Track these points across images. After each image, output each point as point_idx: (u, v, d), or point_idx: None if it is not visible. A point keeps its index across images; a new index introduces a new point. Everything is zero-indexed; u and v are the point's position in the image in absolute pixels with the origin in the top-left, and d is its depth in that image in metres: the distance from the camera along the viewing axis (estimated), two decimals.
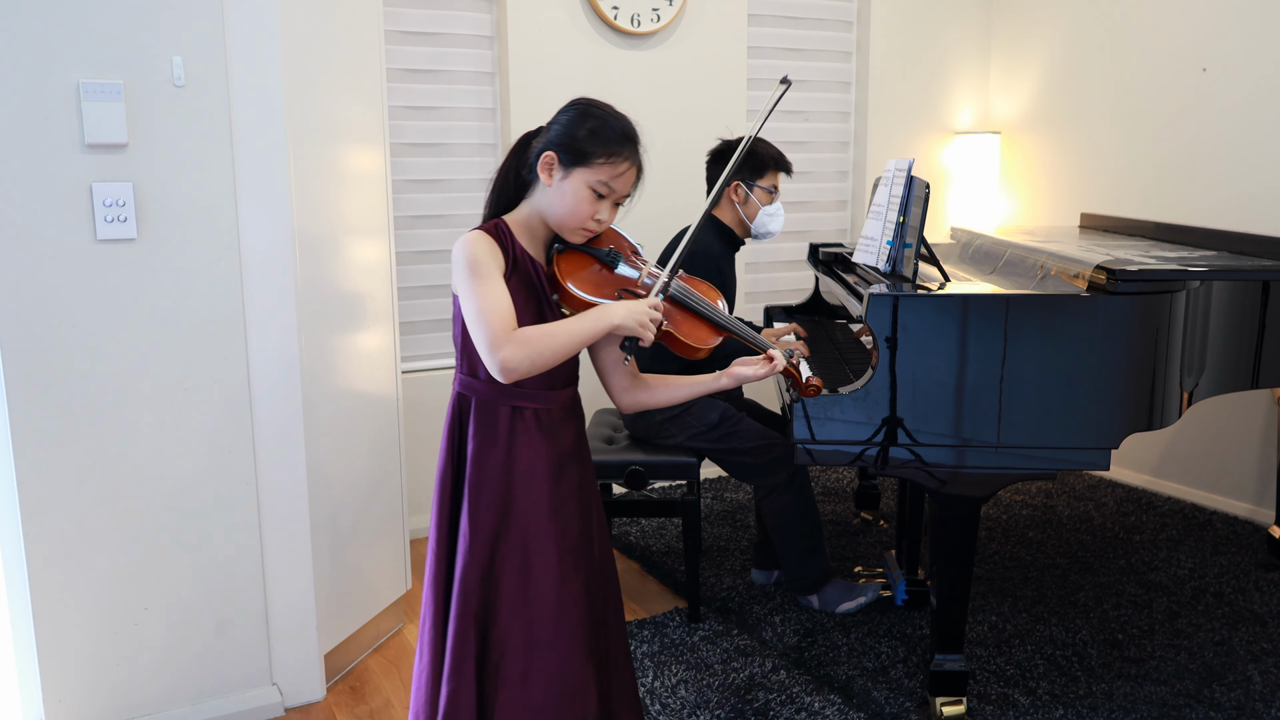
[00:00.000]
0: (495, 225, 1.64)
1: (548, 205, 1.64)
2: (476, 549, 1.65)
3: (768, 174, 2.90)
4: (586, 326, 1.57)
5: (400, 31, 3.37)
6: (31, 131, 2.01)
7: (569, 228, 1.64)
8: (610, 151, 1.60)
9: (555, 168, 1.61)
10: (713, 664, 2.58)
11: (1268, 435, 3.49)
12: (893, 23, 4.28)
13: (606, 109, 1.65)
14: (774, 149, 2.92)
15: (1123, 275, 2.09)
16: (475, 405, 1.67)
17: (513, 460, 1.66)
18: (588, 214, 1.62)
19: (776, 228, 2.95)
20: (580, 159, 1.59)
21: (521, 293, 1.62)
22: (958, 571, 2.21)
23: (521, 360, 1.52)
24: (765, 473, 2.77)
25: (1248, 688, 2.42)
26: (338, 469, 2.52)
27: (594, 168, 1.59)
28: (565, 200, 1.61)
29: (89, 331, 2.11)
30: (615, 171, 1.60)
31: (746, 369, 1.70)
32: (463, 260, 1.57)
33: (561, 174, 1.61)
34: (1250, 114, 3.50)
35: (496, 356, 1.51)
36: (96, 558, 2.17)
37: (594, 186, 1.60)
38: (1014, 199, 4.51)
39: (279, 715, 2.41)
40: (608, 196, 1.62)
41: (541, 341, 1.54)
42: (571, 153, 1.60)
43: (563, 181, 1.61)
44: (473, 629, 1.65)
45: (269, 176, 2.24)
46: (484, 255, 1.57)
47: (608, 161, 1.60)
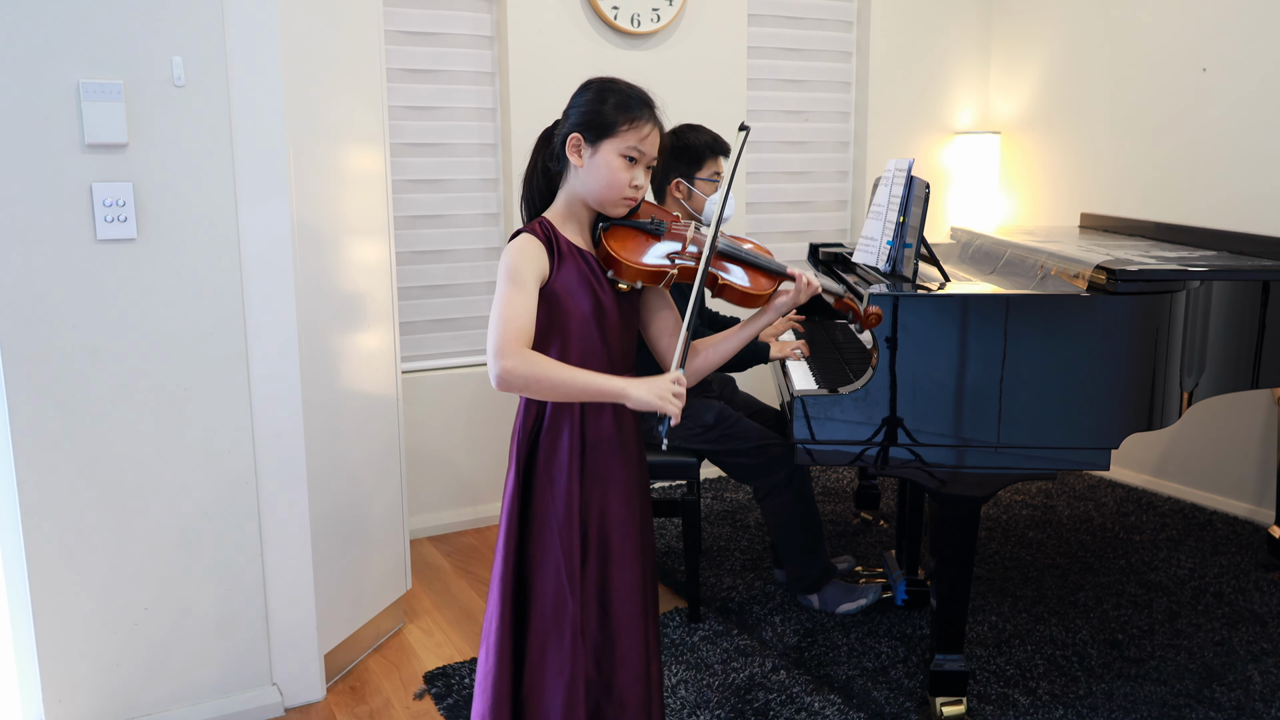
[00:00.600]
0: (538, 224, 1.67)
1: (584, 186, 1.67)
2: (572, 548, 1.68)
3: (706, 163, 2.81)
4: (596, 385, 1.59)
5: (400, 31, 3.37)
6: (31, 131, 2.01)
7: (611, 200, 1.67)
8: (631, 117, 1.63)
9: (583, 147, 1.65)
10: (713, 664, 2.58)
11: (1268, 435, 3.49)
12: (893, 23, 4.28)
13: (618, 81, 1.69)
14: (707, 134, 2.83)
15: (1123, 275, 2.09)
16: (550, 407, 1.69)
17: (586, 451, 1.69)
18: (625, 182, 1.65)
19: (728, 214, 2.87)
20: (605, 131, 1.63)
21: (573, 281, 1.65)
22: (958, 571, 2.21)
23: (519, 377, 1.55)
24: (763, 473, 2.77)
25: (1248, 688, 2.42)
26: (338, 469, 2.52)
27: (620, 136, 1.63)
28: (600, 175, 1.64)
29: (89, 331, 2.11)
30: (641, 134, 1.64)
31: (782, 297, 1.75)
32: (504, 264, 1.61)
33: (590, 151, 1.64)
34: (1250, 114, 3.50)
35: (500, 362, 1.54)
36: (96, 558, 2.17)
37: (624, 153, 1.64)
38: (1014, 199, 4.51)
39: (279, 715, 2.41)
40: (639, 161, 1.66)
41: (545, 370, 1.57)
42: (595, 128, 1.63)
43: (593, 158, 1.64)
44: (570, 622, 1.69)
45: (269, 176, 2.24)
46: (524, 263, 1.61)
47: (631, 127, 1.63)
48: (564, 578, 1.68)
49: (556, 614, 1.68)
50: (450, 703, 2.45)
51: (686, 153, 2.80)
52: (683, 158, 2.80)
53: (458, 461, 3.60)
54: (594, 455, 1.70)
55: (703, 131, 2.83)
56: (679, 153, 2.80)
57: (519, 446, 1.71)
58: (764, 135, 4.14)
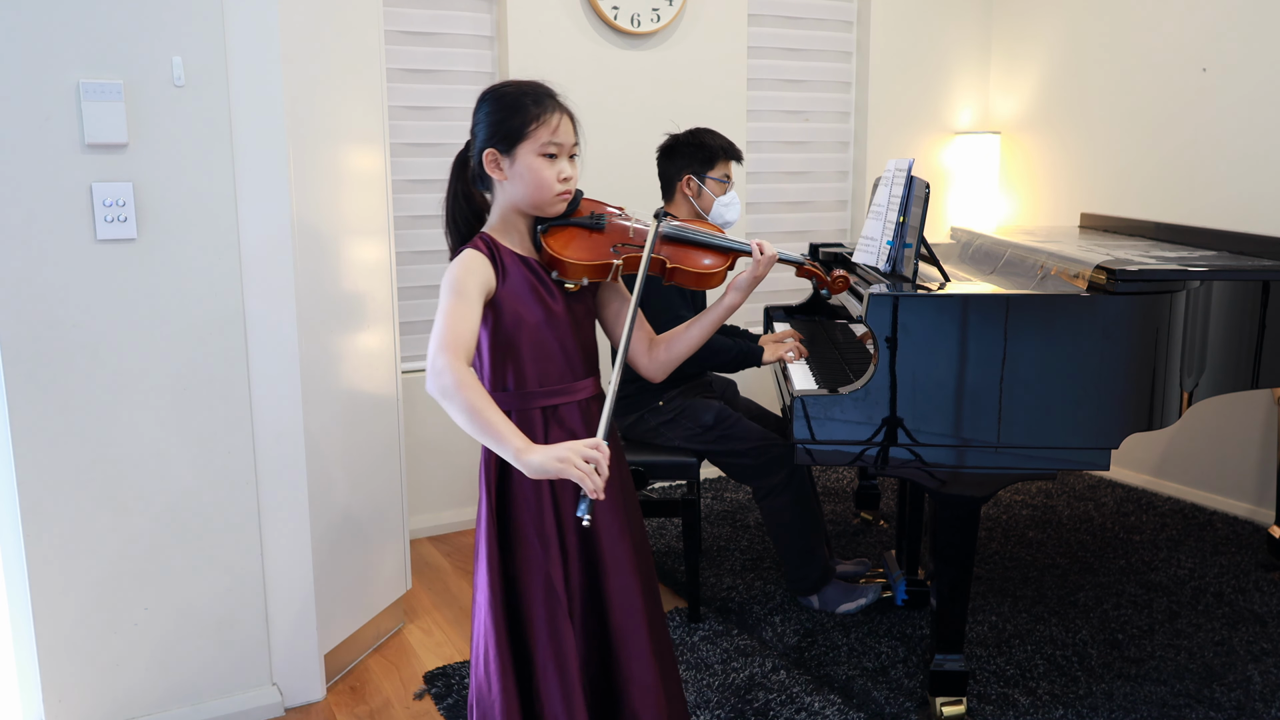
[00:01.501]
0: (479, 239, 1.67)
1: (515, 196, 1.66)
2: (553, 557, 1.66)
3: (718, 164, 2.87)
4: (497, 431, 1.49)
5: (400, 31, 3.37)
6: (31, 131, 2.01)
7: (546, 201, 1.65)
8: (535, 115, 1.62)
9: (500, 159, 1.64)
10: (713, 664, 2.58)
11: (1268, 435, 3.49)
12: (893, 23, 4.28)
13: (512, 83, 1.68)
14: (722, 139, 2.89)
15: (1123, 275, 2.09)
16: (514, 419, 1.65)
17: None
18: (552, 179, 1.63)
19: (733, 217, 2.90)
20: (516, 138, 1.62)
21: (520, 291, 1.65)
22: (958, 571, 2.21)
23: (449, 382, 1.48)
24: (763, 474, 2.77)
25: (1248, 688, 2.42)
26: (338, 469, 2.52)
27: (531, 136, 1.61)
28: (526, 180, 1.63)
29: (89, 331, 2.11)
30: (551, 128, 1.62)
31: (744, 274, 1.76)
32: (446, 279, 1.60)
33: (509, 161, 1.63)
34: (1250, 114, 3.50)
35: (439, 358, 1.50)
36: (96, 558, 2.17)
37: (541, 152, 1.62)
38: (1014, 199, 4.51)
39: (279, 715, 2.41)
40: (559, 154, 1.64)
41: (466, 394, 1.48)
42: (505, 138, 1.62)
43: (513, 167, 1.63)
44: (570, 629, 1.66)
45: (269, 176, 2.24)
46: (467, 276, 1.60)
47: (539, 124, 1.62)
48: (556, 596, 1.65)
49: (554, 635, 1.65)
50: (450, 703, 2.45)
51: (701, 151, 2.86)
52: (697, 155, 2.86)
53: (458, 462, 3.60)
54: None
55: (720, 136, 2.90)
56: (694, 150, 2.87)
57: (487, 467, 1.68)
58: (764, 135, 4.14)
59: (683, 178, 2.87)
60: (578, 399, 1.71)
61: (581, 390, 1.71)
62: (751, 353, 2.73)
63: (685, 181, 2.87)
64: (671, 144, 2.90)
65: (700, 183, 2.86)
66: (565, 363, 1.68)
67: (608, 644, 1.70)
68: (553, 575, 1.66)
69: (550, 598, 1.65)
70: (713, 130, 2.90)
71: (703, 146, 2.86)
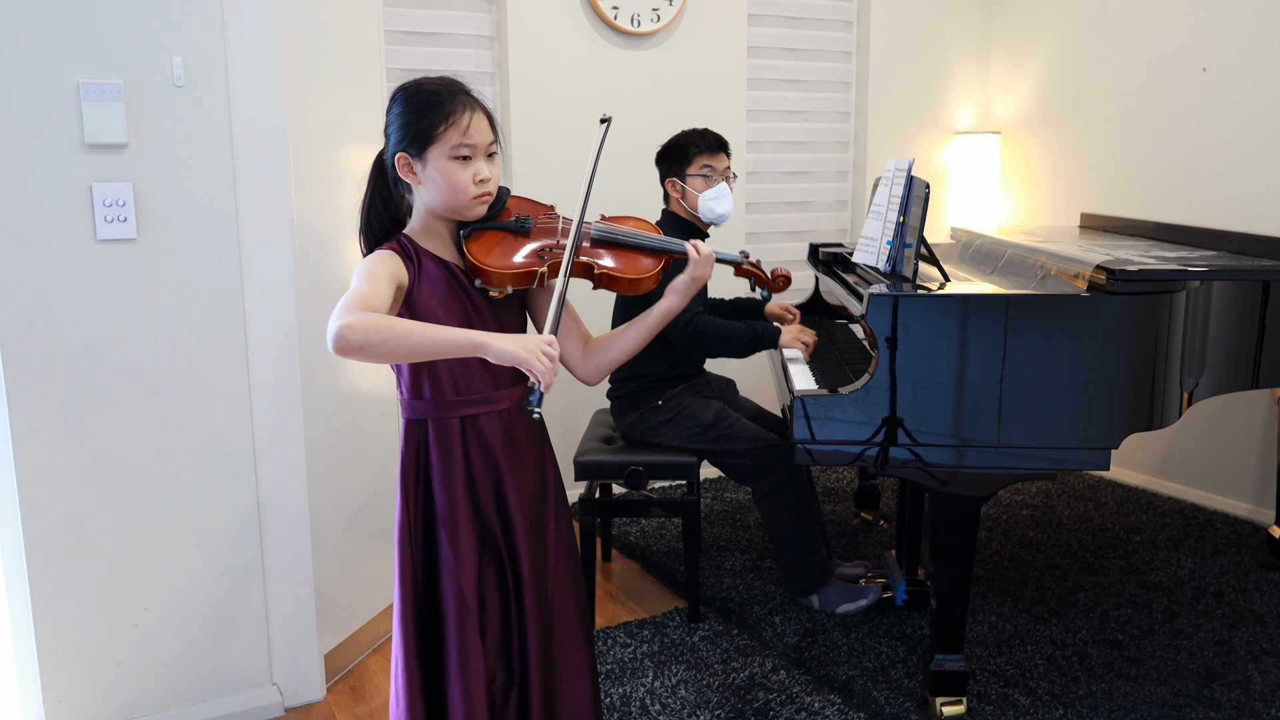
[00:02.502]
0: (395, 240, 1.61)
1: (431, 200, 1.58)
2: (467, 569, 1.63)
3: (694, 160, 2.84)
4: (447, 337, 1.44)
5: (400, 31, 3.37)
6: (31, 131, 2.01)
7: (462, 204, 1.57)
8: (443, 115, 1.53)
9: (413, 163, 1.56)
10: (713, 664, 2.58)
11: (1268, 435, 3.49)
12: (893, 23, 4.28)
13: (420, 81, 1.59)
14: (696, 133, 2.85)
15: (1123, 275, 2.09)
16: (432, 427, 1.63)
17: (472, 471, 1.64)
18: (466, 182, 1.56)
19: (724, 209, 2.85)
20: (426, 140, 1.54)
21: (439, 297, 1.59)
22: (958, 571, 2.21)
23: (358, 332, 1.38)
24: (762, 474, 2.77)
25: (1248, 688, 2.42)
26: (338, 469, 2.52)
27: (441, 139, 1.53)
28: (440, 185, 1.56)
29: (89, 331, 2.11)
30: (462, 128, 1.54)
31: (681, 278, 1.68)
32: (355, 271, 1.53)
33: (421, 165, 1.56)
34: (1250, 114, 3.50)
35: (338, 322, 1.39)
36: (96, 558, 2.17)
37: (453, 154, 1.54)
38: (1014, 199, 4.51)
39: (279, 715, 2.41)
40: (474, 155, 1.56)
41: (388, 326, 1.40)
42: (416, 141, 1.55)
43: (426, 170, 1.56)
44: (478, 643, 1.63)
45: (269, 176, 2.24)
46: (377, 264, 1.53)
47: (449, 125, 1.53)
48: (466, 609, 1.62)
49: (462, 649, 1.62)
50: None
51: (673, 151, 2.88)
52: (672, 155, 2.88)
53: None
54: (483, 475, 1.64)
55: (693, 133, 2.88)
56: (667, 152, 2.89)
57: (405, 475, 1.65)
58: (764, 135, 4.14)
59: (667, 180, 2.90)
60: (499, 408, 1.64)
61: (503, 400, 1.65)
62: (767, 334, 2.72)
63: (670, 184, 2.90)
64: (660, 150, 2.93)
65: (682, 183, 2.86)
66: (486, 372, 1.61)
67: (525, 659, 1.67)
68: (464, 588, 1.62)
69: (461, 610, 1.62)
70: (696, 128, 2.88)
71: (675, 147, 2.87)
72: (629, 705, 2.39)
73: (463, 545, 1.63)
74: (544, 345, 1.44)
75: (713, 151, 2.85)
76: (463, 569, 1.63)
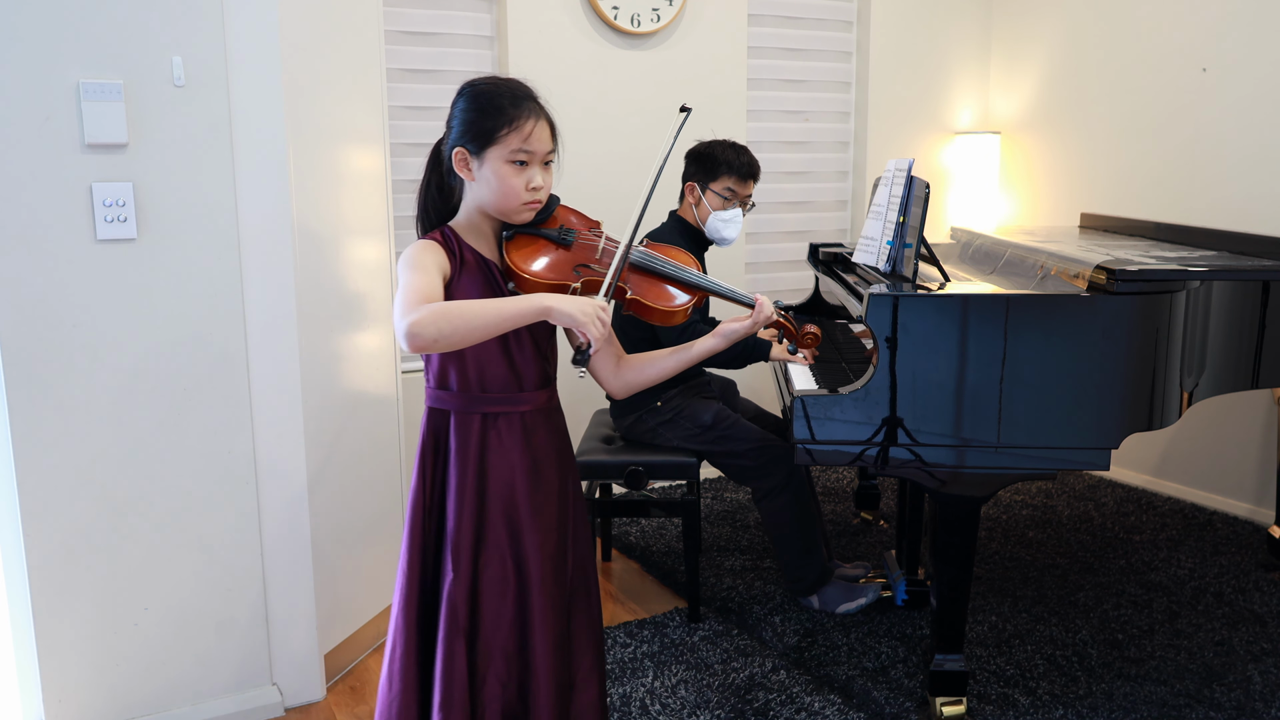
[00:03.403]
0: (439, 231, 1.63)
1: (481, 198, 1.61)
2: (461, 565, 1.64)
3: (721, 178, 2.83)
4: (513, 307, 1.48)
5: (400, 31, 3.37)
6: (31, 131, 2.01)
7: (511, 209, 1.60)
8: (509, 119, 1.56)
9: (470, 160, 1.59)
10: (713, 664, 2.58)
11: (1268, 435, 3.49)
12: (893, 23, 4.28)
13: (490, 81, 1.61)
14: (734, 154, 2.84)
15: (1123, 275, 2.09)
16: (454, 419, 1.64)
17: (486, 469, 1.64)
18: (519, 187, 1.58)
19: (731, 234, 2.86)
20: (486, 140, 1.56)
21: (476, 291, 1.60)
22: (958, 571, 2.21)
23: (428, 326, 1.42)
24: (762, 474, 2.77)
25: (1248, 688, 2.42)
26: (338, 469, 2.52)
27: (501, 142, 1.56)
28: (492, 185, 1.58)
29: (89, 331, 2.11)
30: (524, 134, 1.56)
31: (735, 324, 1.69)
32: (401, 261, 1.56)
33: (477, 163, 1.58)
34: (1250, 114, 3.50)
35: (405, 321, 1.42)
36: (96, 558, 2.17)
37: (511, 159, 1.56)
38: (1014, 199, 4.51)
39: (279, 715, 2.41)
40: (530, 162, 1.58)
41: (455, 311, 1.44)
42: (476, 139, 1.57)
43: (481, 169, 1.58)
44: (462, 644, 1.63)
45: (269, 176, 2.24)
46: (423, 255, 1.56)
47: (512, 129, 1.56)
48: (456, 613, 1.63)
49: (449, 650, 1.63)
50: None
51: (708, 160, 2.86)
52: (704, 165, 2.87)
53: None
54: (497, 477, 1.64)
55: (732, 151, 2.85)
56: (703, 159, 2.88)
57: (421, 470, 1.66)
58: (764, 135, 4.14)
59: (688, 183, 2.90)
60: (520, 410, 1.65)
61: (525, 403, 1.65)
62: (758, 347, 2.73)
63: (689, 187, 2.89)
64: (694, 149, 2.91)
65: (701, 192, 2.87)
66: (510, 373, 1.63)
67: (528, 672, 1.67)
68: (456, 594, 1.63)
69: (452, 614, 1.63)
70: (737, 145, 2.87)
71: (710, 157, 2.85)
72: (629, 705, 2.39)
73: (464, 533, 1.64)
74: (599, 310, 1.51)
75: (741, 178, 2.86)
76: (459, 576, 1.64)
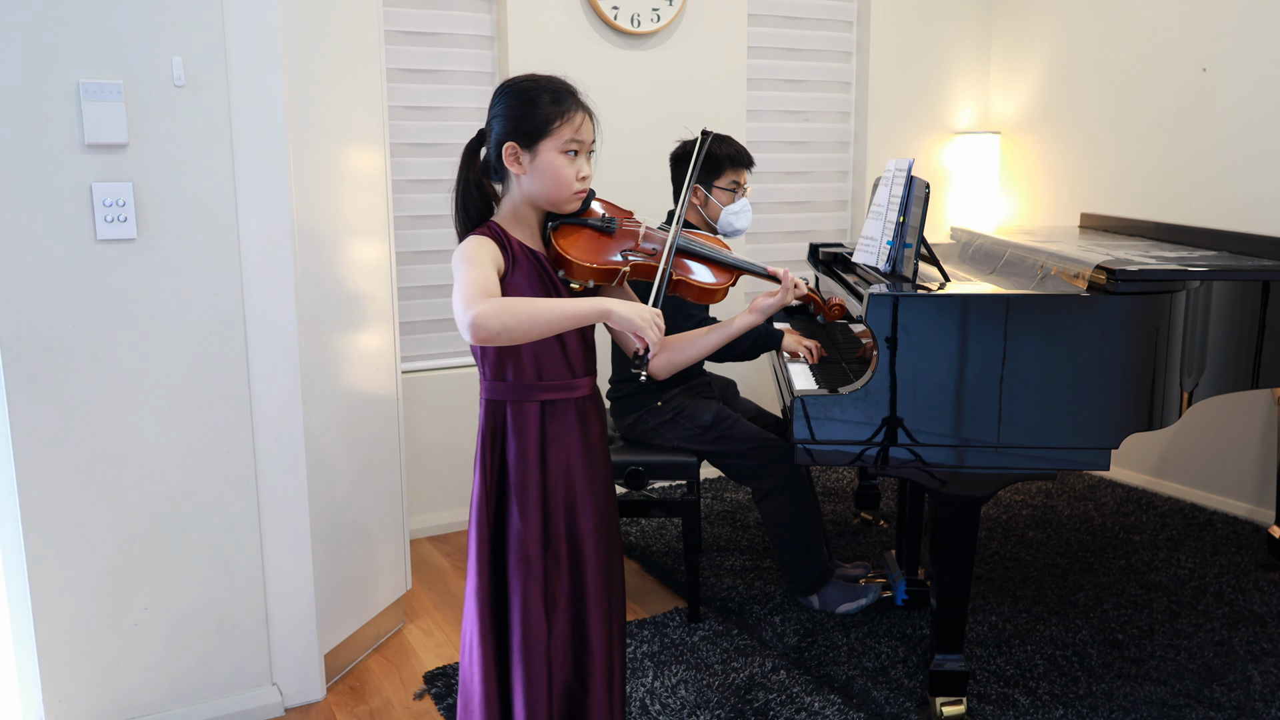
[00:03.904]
0: (487, 227, 1.67)
1: (532, 190, 1.66)
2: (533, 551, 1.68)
3: (725, 173, 2.85)
4: (575, 308, 1.55)
5: (400, 31, 3.37)
6: (31, 131, 2.01)
7: (563, 198, 1.66)
8: (559, 113, 1.62)
9: (520, 154, 1.64)
10: (713, 664, 2.58)
11: (1268, 435, 3.49)
12: (893, 23, 4.28)
13: (534, 79, 1.67)
14: (731, 146, 2.86)
15: (1123, 275, 2.09)
16: (510, 409, 1.68)
17: (546, 456, 1.69)
18: (571, 177, 1.64)
19: (743, 225, 2.89)
20: (539, 134, 1.62)
21: (527, 284, 1.65)
22: (958, 571, 2.21)
23: (493, 319, 1.48)
24: (762, 474, 2.77)
25: (1248, 688, 2.42)
26: (338, 469, 2.52)
27: (554, 134, 1.62)
28: (546, 177, 1.63)
29: (89, 331, 2.11)
30: (574, 126, 1.63)
31: (767, 299, 1.79)
32: (458, 255, 1.60)
33: (529, 157, 1.63)
34: (1250, 114, 3.50)
35: (469, 314, 1.48)
36: (96, 558, 2.17)
37: (564, 149, 1.63)
38: (1014, 199, 4.51)
39: (279, 715, 2.41)
40: (580, 151, 1.65)
41: (519, 307, 1.51)
42: (527, 134, 1.62)
43: (534, 162, 1.63)
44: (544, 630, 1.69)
45: (269, 176, 2.24)
46: (480, 250, 1.61)
47: (564, 121, 1.62)
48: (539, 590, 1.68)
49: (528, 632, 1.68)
50: (450, 703, 2.45)
51: (707, 160, 2.82)
52: (704, 165, 2.83)
53: (458, 461, 3.60)
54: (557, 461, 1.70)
55: (728, 143, 2.87)
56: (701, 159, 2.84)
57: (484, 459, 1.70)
58: (764, 135, 4.14)
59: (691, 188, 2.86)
60: (574, 396, 1.71)
61: (579, 389, 1.72)
62: (770, 335, 2.72)
63: (693, 190, 2.86)
64: (682, 151, 2.89)
65: (706, 191, 2.86)
66: (564, 360, 1.69)
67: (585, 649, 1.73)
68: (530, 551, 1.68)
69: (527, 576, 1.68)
70: (726, 137, 2.88)
71: (708, 155, 2.82)
72: (629, 705, 2.39)
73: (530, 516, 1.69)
74: (656, 316, 1.59)
75: (743, 167, 2.87)
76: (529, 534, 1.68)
